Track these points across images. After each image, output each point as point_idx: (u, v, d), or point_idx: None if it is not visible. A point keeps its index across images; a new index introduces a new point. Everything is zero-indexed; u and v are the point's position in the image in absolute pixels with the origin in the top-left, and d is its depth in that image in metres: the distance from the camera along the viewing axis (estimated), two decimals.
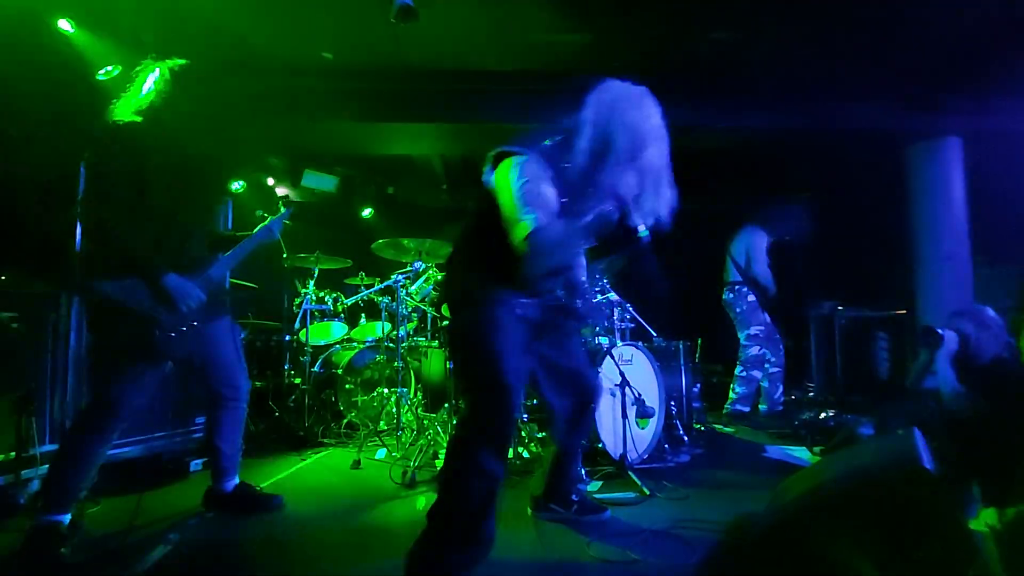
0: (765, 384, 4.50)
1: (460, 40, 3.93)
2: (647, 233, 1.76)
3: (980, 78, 4.52)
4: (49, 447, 2.36)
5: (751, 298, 4.46)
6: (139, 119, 1.94)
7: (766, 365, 4.48)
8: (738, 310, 4.52)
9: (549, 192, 1.69)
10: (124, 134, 1.89)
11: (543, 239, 1.61)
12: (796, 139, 5.09)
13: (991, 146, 4.91)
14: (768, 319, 4.48)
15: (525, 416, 3.06)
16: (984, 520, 2.03)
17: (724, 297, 4.60)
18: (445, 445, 3.21)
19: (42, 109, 2.78)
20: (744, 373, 4.46)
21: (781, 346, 4.53)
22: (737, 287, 4.52)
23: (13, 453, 2.23)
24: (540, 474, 2.26)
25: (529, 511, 2.25)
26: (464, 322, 1.83)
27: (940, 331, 2.54)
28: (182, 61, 2.06)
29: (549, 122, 1.86)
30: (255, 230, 2.33)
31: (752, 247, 4.49)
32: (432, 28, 3.51)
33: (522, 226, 1.62)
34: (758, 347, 4.44)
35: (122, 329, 1.87)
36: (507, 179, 1.70)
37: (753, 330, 4.45)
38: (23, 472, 2.25)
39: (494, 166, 1.78)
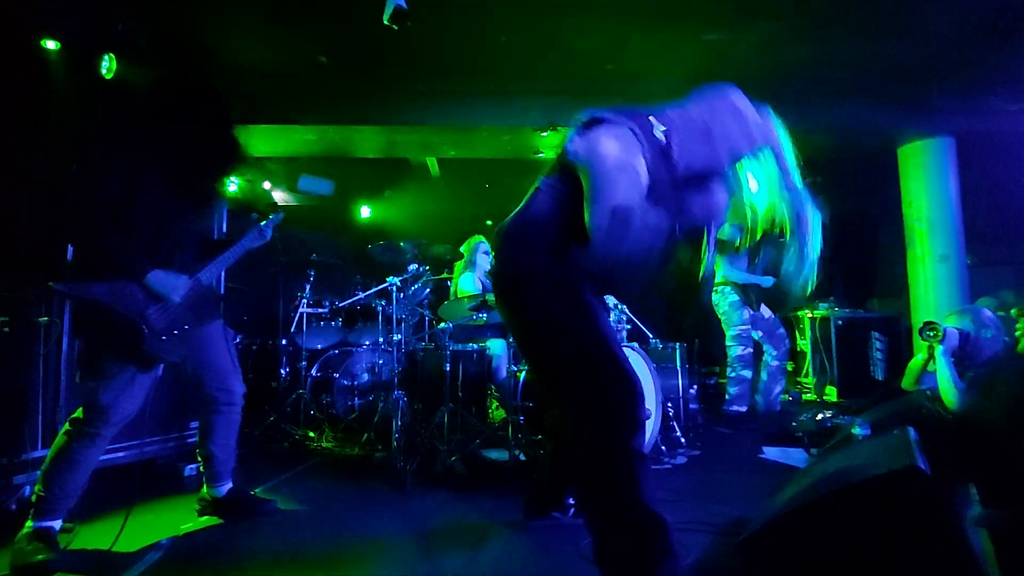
0: (764, 377, 4.47)
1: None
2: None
3: (974, 78, 4.54)
4: (41, 452, 2.34)
5: (733, 298, 4.43)
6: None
7: (766, 358, 4.46)
8: (721, 310, 4.49)
9: (642, 170, 1.52)
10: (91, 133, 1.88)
11: (624, 221, 1.42)
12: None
13: (985, 146, 4.93)
14: (752, 316, 4.42)
15: (521, 418, 3.05)
16: (980, 520, 2.02)
17: (712, 298, 4.58)
18: (440, 447, 3.19)
19: (35, 112, 2.76)
20: (734, 374, 4.43)
21: (786, 340, 4.50)
22: (720, 287, 4.48)
23: (4, 458, 2.21)
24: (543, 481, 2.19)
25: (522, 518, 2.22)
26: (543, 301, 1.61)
27: (942, 327, 2.54)
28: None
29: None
30: (246, 234, 2.33)
31: None
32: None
33: (603, 202, 1.45)
34: (742, 347, 4.39)
35: (111, 333, 1.85)
36: (596, 148, 1.53)
37: (736, 330, 4.42)
38: (15, 477, 2.23)
39: (583, 131, 1.60)
